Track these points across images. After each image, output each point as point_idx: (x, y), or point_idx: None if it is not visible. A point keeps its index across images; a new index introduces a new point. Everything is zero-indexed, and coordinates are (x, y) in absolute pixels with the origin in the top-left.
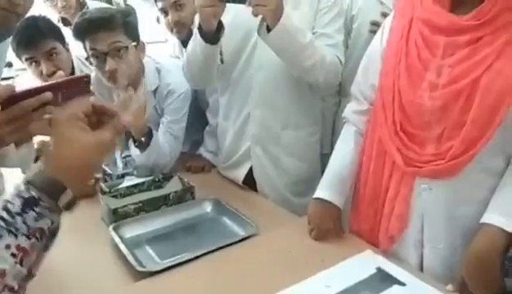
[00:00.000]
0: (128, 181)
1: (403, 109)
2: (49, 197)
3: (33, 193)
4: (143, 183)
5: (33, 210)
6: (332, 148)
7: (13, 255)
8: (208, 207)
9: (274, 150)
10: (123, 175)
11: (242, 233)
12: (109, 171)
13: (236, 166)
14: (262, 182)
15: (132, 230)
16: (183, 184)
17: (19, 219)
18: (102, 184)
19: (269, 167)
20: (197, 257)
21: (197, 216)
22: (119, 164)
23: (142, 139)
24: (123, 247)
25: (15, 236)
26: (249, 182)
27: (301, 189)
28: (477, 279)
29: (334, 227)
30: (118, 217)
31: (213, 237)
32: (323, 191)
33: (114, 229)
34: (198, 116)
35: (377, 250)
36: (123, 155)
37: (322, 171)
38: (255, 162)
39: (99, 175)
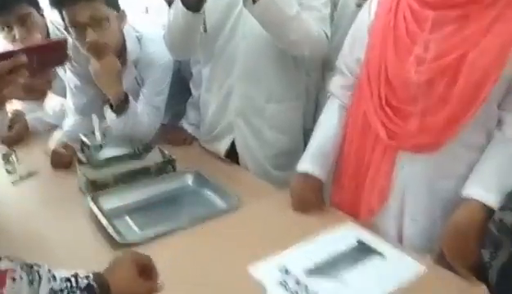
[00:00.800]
0: (107, 152)
1: (389, 83)
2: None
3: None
4: (122, 154)
5: None
6: (315, 123)
7: None
8: (189, 180)
9: (257, 123)
10: (101, 146)
11: (224, 205)
12: (87, 142)
13: (219, 138)
14: (244, 155)
15: (112, 201)
16: (164, 156)
17: None
18: (80, 155)
19: (251, 139)
20: (178, 229)
21: (178, 189)
22: (97, 135)
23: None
24: (102, 218)
25: None
26: (232, 155)
27: (282, 162)
28: (455, 250)
29: (315, 200)
30: (96, 188)
31: (194, 209)
32: (306, 164)
33: (93, 199)
34: (181, 87)
35: (357, 222)
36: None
37: (304, 146)
38: (238, 135)
39: (77, 146)
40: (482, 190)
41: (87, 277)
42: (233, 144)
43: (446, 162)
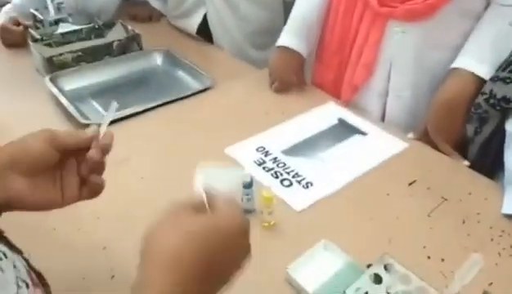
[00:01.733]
0: (63, 28)
1: None
2: None
3: None
4: (81, 30)
5: None
6: None
7: None
8: (158, 59)
9: None
10: (56, 22)
11: (197, 85)
12: (40, 17)
13: (189, 14)
14: (219, 32)
15: (73, 82)
16: (127, 32)
17: None
18: (33, 31)
19: (226, 14)
20: (148, 110)
21: (147, 69)
22: (51, 9)
23: None
24: (63, 99)
25: None
26: (204, 33)
27: (262, 40)
28: (441, 125)
29: (296, 78)
30: (54, 67)
31: (164, 90)
32: (287, 37)
33: (52, 80)
34: None
35: (339, 102)
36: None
37: (285, 22)
38: (210, 9)
39: (29, 23)
40: (474, 61)
41: None
42: (205, 20)
43: (439, 31)
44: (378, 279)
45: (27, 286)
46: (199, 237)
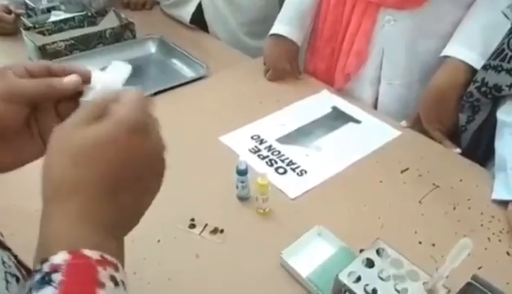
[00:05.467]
0: (56, 16)
1: None
2: None
3: None
4: (73, 18)
5: None
6: None
7: None
8: (152, 47)
9: None
10: (48, 10)
11: (191, 74)
12: (31, 5)
13: (183, 2)
14: (214, 22)
15: None
16: (120, 20)
17: None
18: (24, 19)
19: (222, 4)
20: None
21: (140, 57)
22: None
23: None
24: None
25: None
26: (198, 21)
27: (257, 29)
28: (433, 113)
29: (290, 67)
30: (47, 56)
31: (158, 78)
32: (281, 25)
33: None
34: None
35: (332, 89)
36: None
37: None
38: None
39: (21, 11)
40: (465, 49)
41: None
42: (199, 10)
43: (430, 20)
44: (370, 263)
45: (17, 280)
46: (89, 151)
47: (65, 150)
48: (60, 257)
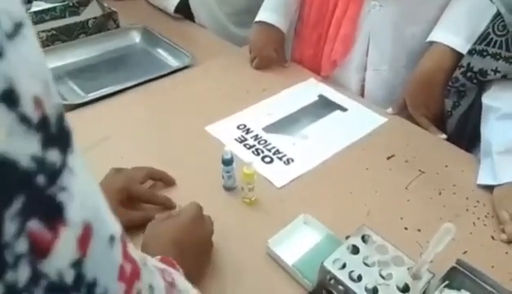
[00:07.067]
0: (36, 6)
1: None
2: None
3: None
4: (54, 8)
5: None
6: None
7: None
8: (136, 37)
9: None
10: (29, 0)
11: (176, 63)
12: None
13: None
14: (201, 12)
15: (48, 62)
16: (103, 10)
17: None
18: None
19: None
20: (127, 89)
21: (124, 47)
22: None
23: None
24: None
25: None
26: (183, 11)
27: (245, 19)
28: (419, 99)
29: (276, 54)
30: None
31: (143, 69)
32: (266, 13)
33: None
34: None
35: (319, 78)
36: None
37: None
38: None
39: None
40: (451, 34)
41: None
42: (185, 1)
43: (416, 5)
44: (355, 250)
45: None
46: (178, 227)
47: (156, 234)
48: (157, 257)
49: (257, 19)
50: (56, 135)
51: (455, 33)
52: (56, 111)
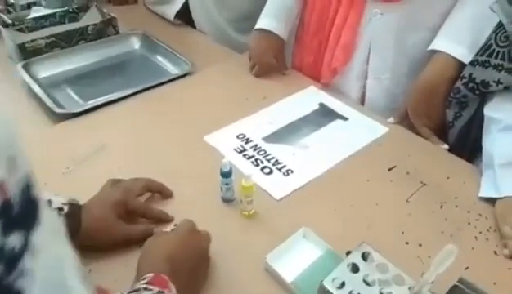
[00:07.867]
0: (36, 12)
1: None
2: None
3: None
4: (54, 14)
5: None
6: None
7: None
8: (135, 44)
9: None
10: (28, 6)
11: (175, 71)
12: (11, 1)
13: (167, 1)
14: (201, 18)
15: (47, 69)
16: (103, 16)
17: None
18: (3, 16)
19: (210, 1)
20: (126, 97)
21: (123, 54)
22: None
23: None
24: (36, 88)
25: None
26: (184, 17)
27: (246, 25)
28: (421, 109)
29: (277, 62)
30: (27, 54)
31: (142, 76)
32: (266, 20)
33: (24, 67)
34: None
35: (319, 85)
36: None
37: None
38: None
39: (0, 7)
40: (454, 43)
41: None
42: (184, 7)
43: (418, 13)
44: (355, 268)
45: None
46: (171, 243)
47: (150, 250)
48: (150, 275)
49: (257, 26)
50: (19, 214)
51: (457, 42)
52: (23, 184)
